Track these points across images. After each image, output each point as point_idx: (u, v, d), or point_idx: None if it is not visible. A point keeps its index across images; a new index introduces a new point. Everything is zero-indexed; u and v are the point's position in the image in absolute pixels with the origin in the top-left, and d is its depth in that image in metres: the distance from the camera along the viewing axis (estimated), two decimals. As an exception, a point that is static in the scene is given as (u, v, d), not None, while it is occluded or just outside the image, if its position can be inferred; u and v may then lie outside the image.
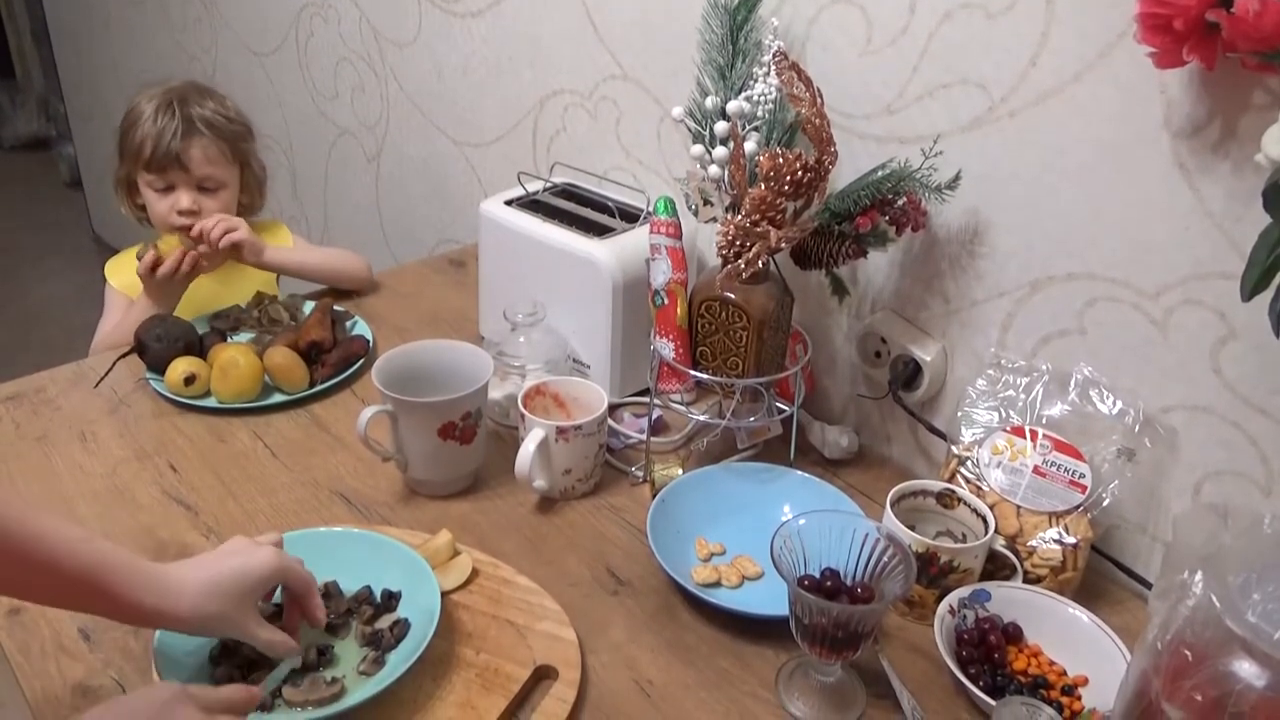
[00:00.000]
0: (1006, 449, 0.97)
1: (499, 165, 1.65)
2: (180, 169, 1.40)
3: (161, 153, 1.38)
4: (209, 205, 1.42)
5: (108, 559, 0.71)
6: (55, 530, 0.70)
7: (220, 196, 1.44)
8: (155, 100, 1.41)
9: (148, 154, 1.38)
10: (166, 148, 1.38)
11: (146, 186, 1.42)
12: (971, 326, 1.05)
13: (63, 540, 0.70)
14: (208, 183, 1.42)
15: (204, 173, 1.41)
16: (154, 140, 1.38)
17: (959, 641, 0.87)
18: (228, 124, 1.44)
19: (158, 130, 1.38)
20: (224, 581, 0.75)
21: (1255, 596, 0.59)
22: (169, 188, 1.41)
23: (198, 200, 1.41)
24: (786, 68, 1.00)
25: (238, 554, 0.78)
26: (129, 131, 1.41)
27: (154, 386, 1.21)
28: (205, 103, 1.43)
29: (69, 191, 3.89)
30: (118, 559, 0.72)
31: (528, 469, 1.01)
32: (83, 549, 0.71)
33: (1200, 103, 0.83)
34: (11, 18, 4.12)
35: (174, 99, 1.41)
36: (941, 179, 0.97)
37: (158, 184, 1.41)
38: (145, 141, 1.38)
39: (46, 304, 3.22)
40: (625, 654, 0.88)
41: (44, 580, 0.71)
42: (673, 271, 1.06)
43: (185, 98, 1.42)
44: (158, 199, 1.42)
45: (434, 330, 1.37)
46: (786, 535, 0.82)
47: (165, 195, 1.42)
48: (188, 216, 1.40)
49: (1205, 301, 0.87)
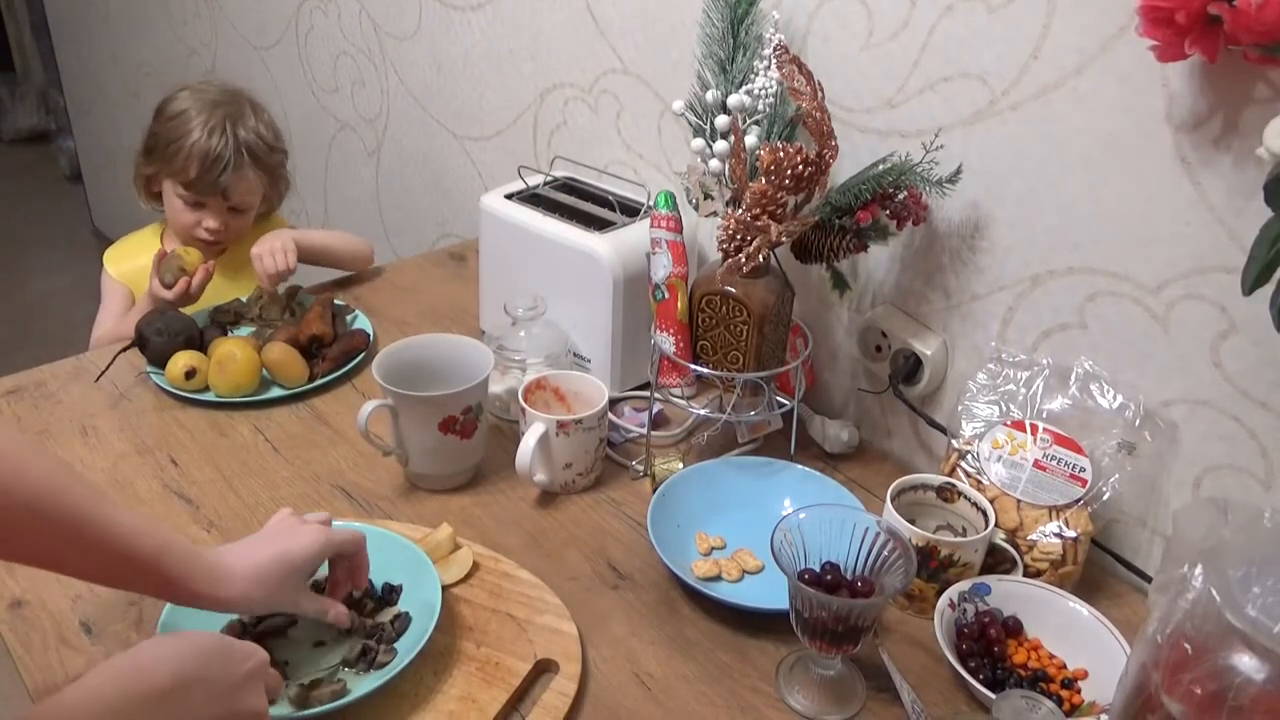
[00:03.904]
0: (1007, 443, 0.97)
1: (499, 159, 1.64)
2: (220, 196, 1.40)
3: (209, 181, 1.37)
4: (235, 224, 1.44)
5: (170, 547, 0.74)
6: (121, 517, 0.72)
7: (247, 216, 1.46)
8: (206, 114, 1.37)
9: (192, 176, 1.37)
10: (215, 180, 1.37)
11: (176, 196, 1.42)
12: (972, 320, 1.05)
13: (130, 529, 0.72)
14: (240, 206, 1.44)
15: (241, 200, 1.42)
16: (201, 164, 1.36)
17: (959, 635, 0.87)
18: (270, 153, 1.43)
19: (209, 156, 1.36)
20: (270, 567, 0.78)
21: (1255, 590, 0.59)
22: (200, 204, 1.41)
23: (225, 220, 1.42)
24: (787, 61, 1.00)
25: (283, 537, 0.81)
26: (172, 140, 1.38)
27: (155, 380, 1.21)
28: (251, 122, 1.41)
29: (69, 185, 3.89)
30: (179, 547, 0.75)
31: (528, 463, 1.01)
32: (149, 540, 0.73)
33: (1202, 96, 0.82)
34: (11, 11, 4.11)
35: (226, 119, 1.38)
36: (942, 173, 0.97)
37: (190, 199, 1.41)
38: (192, 162, 1.36)
39: (46, 297, 3.22)
40: (626, 648, 0.88)
41: (110, 565, 0.73)
42: (673, 266, 1.06)
43: (237, 118, 1.39)
44: (186, 210, 1.42)
45: (434, 324, 1.37)
46: (787, 529, 0.82)
47: (194, 210, 1.41)
48: (214, 234, 1.42)
49: (1206, 295, 0.87)
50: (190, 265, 1.32)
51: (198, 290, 1.33)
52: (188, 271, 1.31)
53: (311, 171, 2.21)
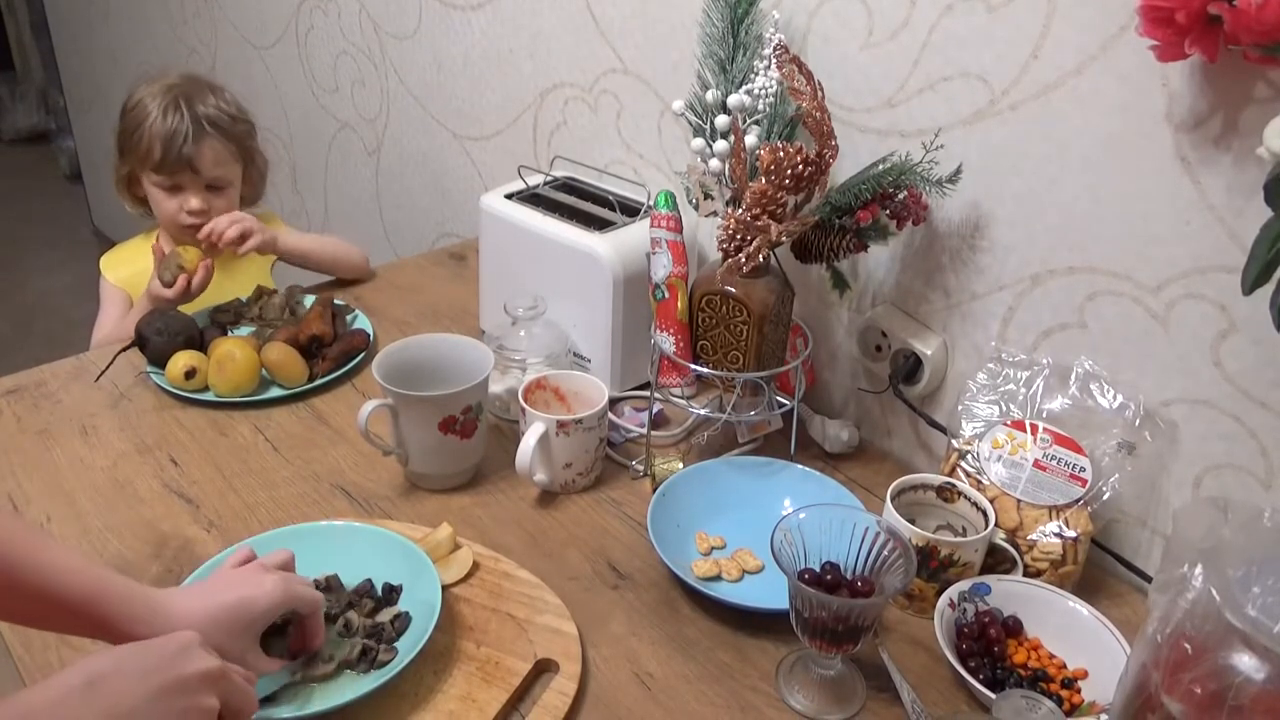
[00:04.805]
0: (1007, 443, 0.97)
1: (499, 159, 1.64)
2: (190, 172, 1.39)
3: (173, 157, 1.37)
4: (217, 204, 1.43)
5: (105, 588, 0.70)
6: (55, 559, 0.70)
7: (227, 194, 1.44)
8: (160, 98, 1.39)
9: (158, 157, 1.38)
10: (178, 153, 1.37)
11: (153, 186, 1.42)
12: (972, 320, 1.05)
13: (61, 569, 0.69)
14: (216, 182, 1.42)
15: (214, 174, 1.41)
16: (164, 142, 1.37)
17: (959, 635, 0.87)
18: (233, 123, 1.43)
19: (168, 132, 1.37)
20: (223, 615, 0.73)
21: (1255, 590, 0.59)
22: (176, 187, 1.41)
23: (206, 199, 1.42)
24: (787, 61, 0.99)
25: (244, 584, 0.76)
26: (134, 130, 1.40)
27: (155, 380, 1.21)
28: (209, 99, 1.42)
29: (69, 185, 3.89)
30: (114, 588, 0.71)
31: (528, 463, 1.01)
32: (80, 579, 0.70)
33: (1202, 96, 0.82)
34: (11, 10, 4.11)
35: (180, 97, 1.39)
36: (942, 173, 0.97)
37: (165, 184, 1.41)
38: (154, 143, 1.37)
39: (46, 297, 3.22)
40: (626, 647, 0.88)
41: (42, 609, 0.70)
42: (673, 265, 1.06)
43: (190, 96, 1.40)
44: (165, 198, 1.42)
45: (434, 324, 1.37)
46: (787, 529, 0.82)
47: (173, 195, 1.41)
48: (197, 216, 1.41)
49: (1206, 295, 0.87)
50: (189, 264, 1.32)
51: (199, 288, 1.33)
52: (187, 270, 1.31)
53: (311, 171, 2.21)
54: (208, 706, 0.64)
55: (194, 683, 0.63)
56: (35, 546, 0.69)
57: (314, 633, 0.81)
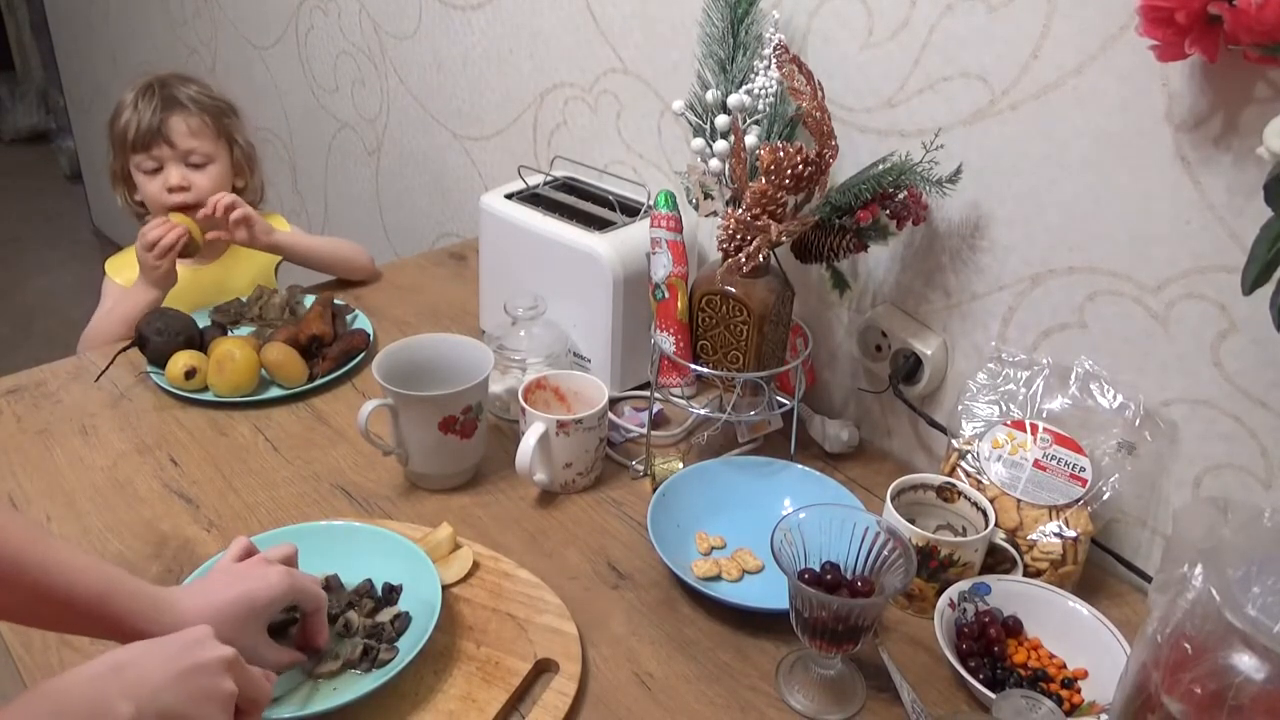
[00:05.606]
0: (1007, 443, 0.97)
1: (499, 159, 1.64)
2: (165, 144, 1.40)
3: (145, 129, 1.39)
4: (199, 181, 1.42)
5: (114, 587, 0.71)
6: (62, 558, 0.70)
7: (209, 172, 1.43)
8: (135, 91, 1.43)
9: (132, 134, 1.40)
10: (149, 124, 1.39)
11: (137, 170, 1.43)
12: (972, 320, 1.05)
13: (70, 568, 0.70)
14: (194, 157, 1.42)
15: (189, 146, 1.41)
16: (136, 120, 1.40)
17: (959, 635, 0.87)
18: (208, 100, 1.45)
19: (141, 110, 1.40)
20: (228, 610, 0.74)
21: (1255, 590, 0.59)
22: (158, 168, 1.42)
23: (187, 176, 1.41)
24: (787, 61, 0.99)
25: (247, 578, 0.77)
26: (115, 122, 1.43)
27: (155, 380, 1.21)
28: (185, 85, 1.44)
29: (69, 184, 3.89)
30: (123, 587, 0.71)
31: (528, 463, 1.01)
32: (88, 577, 0.70)
33: (1202, 95, 0.82)
34: (11, 10, 4.11)
35: (154, 83, 1.43)
36: (942, 172, 0.97)
37: (147, 164, 1.41)
38: (129, 124, 1.40)
39: (46, 297, 3.22)
40: (626, 647, 0.88)
41: (51, 608, 0.70)
42: (673, 265, 1.06)
43: (165, 81, 1.44)
44: (148, 180, 1.42)
45: (434, 324, 1.37)
46: (787, 529, 0.82)
47: (155, 176, 1.42)
48: (179, 193, 1.40)
49: (1206, 295, 0.87)
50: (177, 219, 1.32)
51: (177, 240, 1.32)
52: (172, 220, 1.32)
53: (311, 171, 2.21)
54: (227, 689, 0.66)
55: (214, 666, 0.65)
56: (41, 545, 0.70)
57: (318, 631, 0.82)
